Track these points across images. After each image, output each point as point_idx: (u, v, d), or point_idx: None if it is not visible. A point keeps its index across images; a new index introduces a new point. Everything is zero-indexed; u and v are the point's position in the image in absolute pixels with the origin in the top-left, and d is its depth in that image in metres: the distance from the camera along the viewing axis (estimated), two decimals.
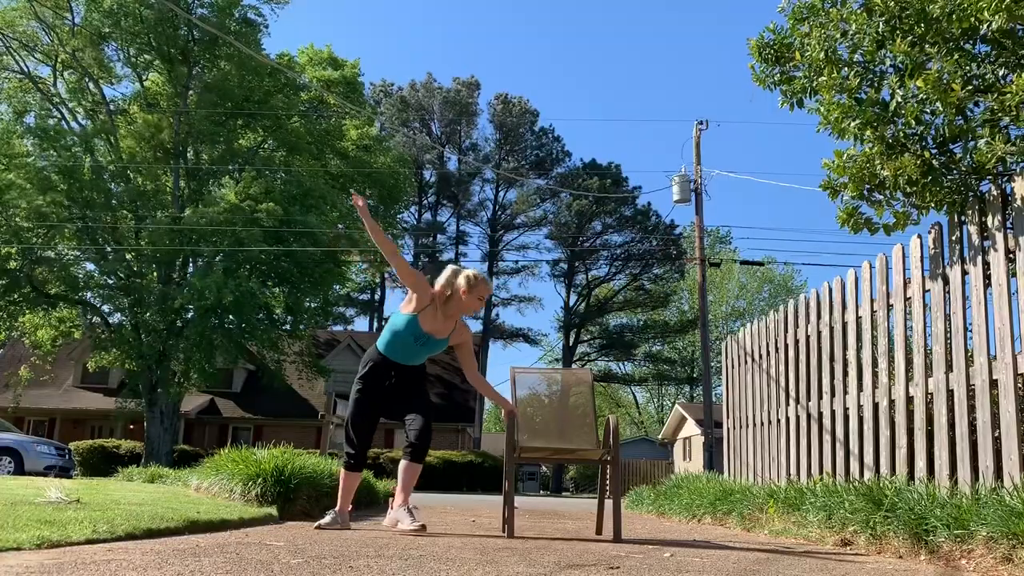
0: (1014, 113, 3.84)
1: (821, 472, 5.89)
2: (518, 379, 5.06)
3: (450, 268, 4.58)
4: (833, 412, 5.80)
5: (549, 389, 5.27)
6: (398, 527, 4.36)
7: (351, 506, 4.72)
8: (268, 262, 23.45)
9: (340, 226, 25.35)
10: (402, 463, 4.51)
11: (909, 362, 4.89)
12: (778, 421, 6.86)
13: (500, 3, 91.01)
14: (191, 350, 22.23)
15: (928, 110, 4.10)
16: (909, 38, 4.17)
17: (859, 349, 5.51)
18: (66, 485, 6.23)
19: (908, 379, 4.85)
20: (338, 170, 27.09)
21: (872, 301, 5.32)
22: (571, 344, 47.00)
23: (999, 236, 4.02)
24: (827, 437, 5.88)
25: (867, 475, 5.13)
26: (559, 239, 46.93)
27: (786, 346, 6.77)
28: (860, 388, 5.39)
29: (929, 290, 4.66)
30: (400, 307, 4.55)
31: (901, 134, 4.23)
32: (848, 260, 51.29)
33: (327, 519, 4.50)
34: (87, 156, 23.60)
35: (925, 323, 4.71)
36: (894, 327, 5.04)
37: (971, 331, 4.28)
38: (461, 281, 4.42)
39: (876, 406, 5.15)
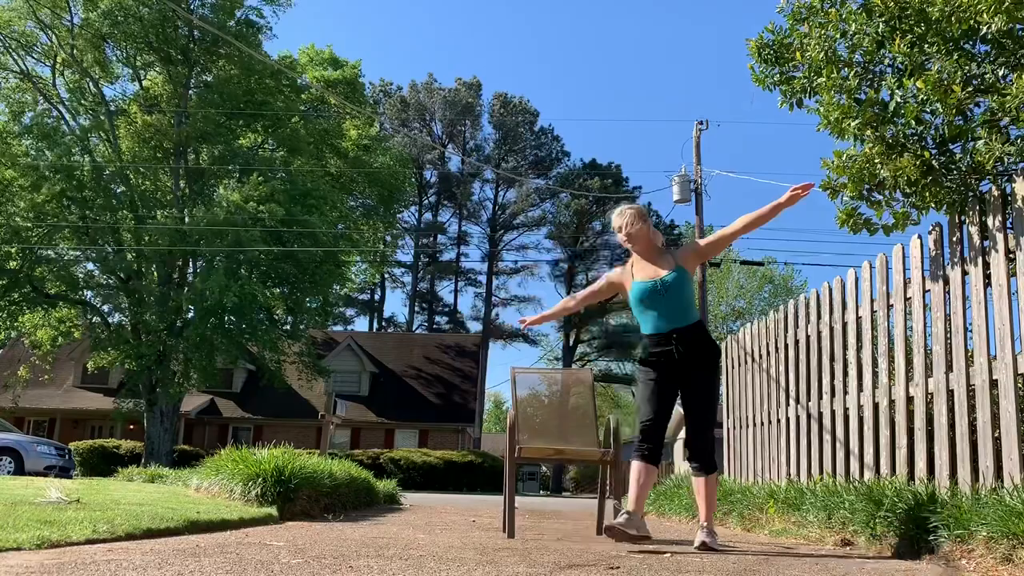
0: (1014, 114, 3.84)
1: (821, 472, 5.88)
2: (518, 379, 5.07)
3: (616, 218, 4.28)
4: (833, 412, 5.80)
5: (549, 389, 5.27)
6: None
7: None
8: (268, 263, 23.46)
9: (340, 226, 25.36)
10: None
11: (909, 362, 4.88)
12: (778, 421, 6.86)
13: (500, 3, 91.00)
14: (191, 350, 22.23)
15: (928, 110, 4.10)
16: (908, 38, 4.17)
17: (859, 349, 5.51)
18: (66, 485, 6.23)
19: (908, 379, 4.85)
20: (338, 170, 27.09)
21: (872, 301, 5.32)
22: (571, 344, 47.01)
23: (999, 236, 4.02)
24: (827, 437, 5.87)
25: (867, 475, 5.13)
26: (559, 239, 46.94)
27: (786, 346, 6.76)
28: (860, 388, 5.39)
29: (929, 290, 4.66)
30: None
31: (901, 134, 4.23)
32: (848, 260, 51.29)
33: (622, 518, 3.78)
34: (86, 156, 23.60)
35: (925, 323, 4.70)
36: (894, 327, 5.03)
37: (971, 331, 4.28)
38: (616, 223, 4.23)
39: (876, 406, 5.15)
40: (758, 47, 4.94)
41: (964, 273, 4.34)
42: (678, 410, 4.30)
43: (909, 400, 4.81)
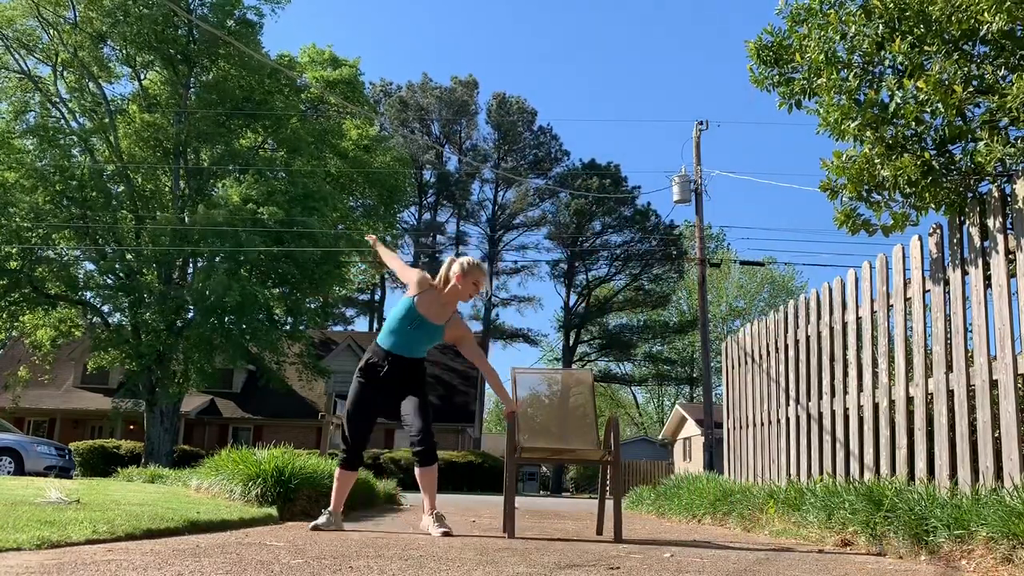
0: (1014, 115, 3.84)
1: (821, 472, 5.89)
2: (518, 379, 5.07)
3: (449, 258, 4.66)
4: (833, 412, 5.80)
5: (549, 390, 5.27)
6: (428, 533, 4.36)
7: (343, 506, 4.74)
8: (268, 263, 23.45)
9: (340, 226, 25.34)
10: (416, 471, 4.51)
11: (909, 362, 4.89)
12: (778, 421, 6.86)
13: (499, 2, 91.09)
14: (191, 350, 22.22)
15: (928, 111, 4.10)
16: (908, 39, 4.17)
17: (859, 349, 5.51)
18: (66, 485, 6.23)
19: (908, 379, 4.85)
20: (338, 170, 27.08)
21: (872, 301, 5.32)
22: (571, 344, 47.00)
23: (999, 237, 4.02)
24: (827, 437, 5.88)
25: (867, 475, 5.14)
26: (558, 239, 46.93)
27: (786, 346, 6.77)
28: (860, 388, 5.39)
29: (929, 291, 4.66)
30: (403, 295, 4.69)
31: (900, 135, 4.23)
32: (848, 260, 51.32)
33: (322, 519, 4.49)
34: (86, 156, 23.60)
35: (925, 323, 4.71)
36: (894, 327, 5.04)
37: (971, 332, 4.28)
38: (456, 268, 4.52)
39: (876, 406, 5.15)
40: (757, 48, 4.95)
41: (964, 274, 4.34)
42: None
43: (909, 400, 4.81)
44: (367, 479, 7.61)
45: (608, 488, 5.08)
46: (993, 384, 4.00)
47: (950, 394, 4.37)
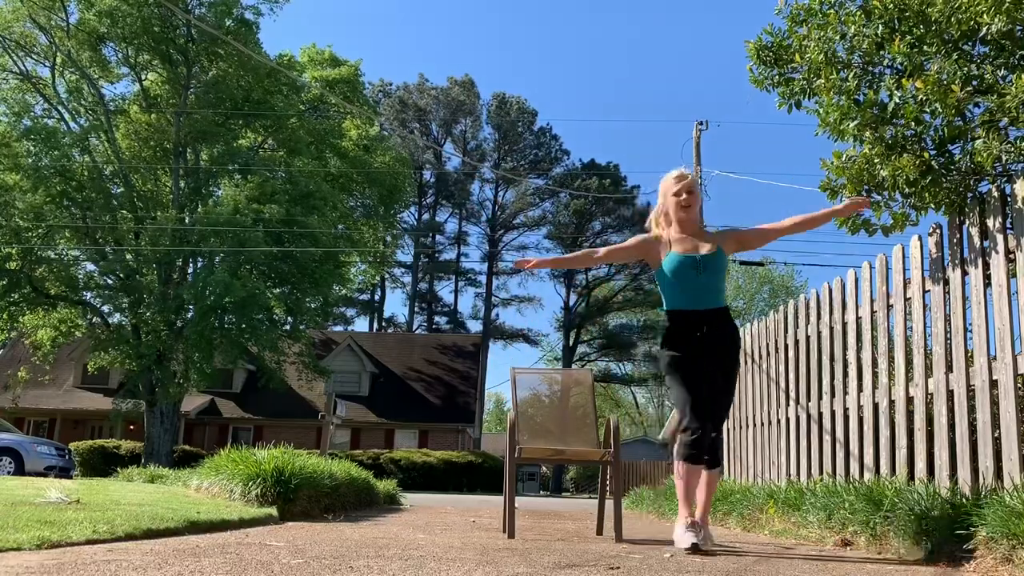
0: (1013, 114, 3.84)
1: (821, 473, 5.88)
2: (518, 380, 5.07)
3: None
4: (833, 413, 5.80)
5: (549, 390, 5.27)
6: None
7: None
8: (269, 263, 23.46)
9: (340, 226, 25.37)
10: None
11: (909, 363, 4.89)
12: (778, 421, 6.86)
13: (500, 3, 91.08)
14: (191, 350, 22.23)
15: (927, 111, 4.10)
16: (908, 39, 4.17)
17: (859, 349, 5.51)
18: (66, 485, 6.23)
19: (908, 379, 4.85)
20: (338, 170, 27.10)
21: (872, 301, 5.32)
22: (571, 344, 47.01)
23: (999, 237, 4.02)
24: (827, 438, 5.88)
25: (867, 476, 5.14)
26: (558, 239, 46.94)
27: (786, 346, 6.77)
28: (860, 389, 5.39)
29: (929, 291, 4.66)
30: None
31: (900, 135, 4.23)
32: (848, 260, 51.27)
33: (686, 533, 3.64)
34: (86, 156, 23.61)
35: (925, 324, 4.70)
36: (894, 327, 5.04)
37: (971, 332, 4.28)
38: (660, 192, 4.07)
39: (876, 407, 5.15)
40: (757, 49, 4.94)
41: (964, 274, 4.34)
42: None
43: (909, 401, 4.81)
44: (367, 479, 7.60)
45: (608, 488, 5.08)
46: (993, 384, 4.00)
47: (950, 394, 4.37)
